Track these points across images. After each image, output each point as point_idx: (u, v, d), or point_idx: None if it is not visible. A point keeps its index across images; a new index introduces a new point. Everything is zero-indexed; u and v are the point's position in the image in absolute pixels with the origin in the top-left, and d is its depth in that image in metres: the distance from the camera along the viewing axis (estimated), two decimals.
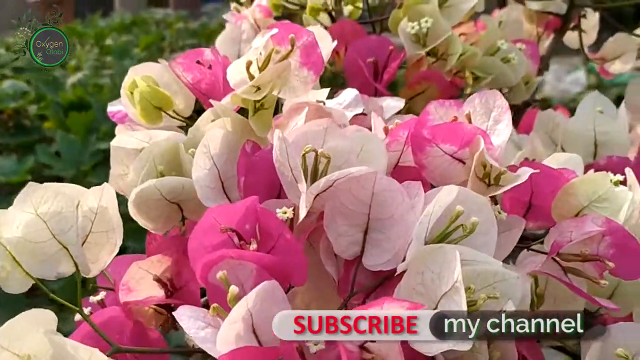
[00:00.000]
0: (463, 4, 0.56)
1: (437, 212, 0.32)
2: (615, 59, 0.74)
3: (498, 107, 0.38)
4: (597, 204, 0.37)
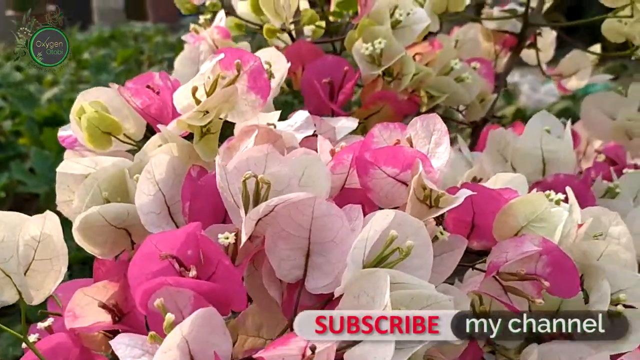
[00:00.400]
0: (416, 25, 0.57)
1: (373, 237, 0.33)
2: (571, 75, 0.76)
3: (438, 130, 0.39)
4: (534, 224, 0.38)
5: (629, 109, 0.65)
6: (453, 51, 0.61)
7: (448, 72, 0.59)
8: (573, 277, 0.37)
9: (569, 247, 0.39)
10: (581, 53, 0.74)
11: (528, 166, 0.52)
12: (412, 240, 0.34)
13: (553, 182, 0.50)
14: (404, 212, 0.35)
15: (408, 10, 0.56)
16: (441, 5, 0.61)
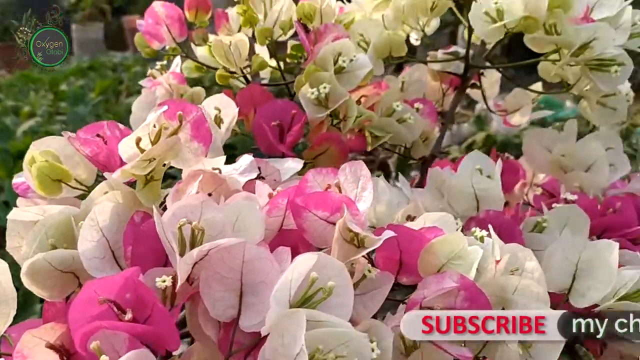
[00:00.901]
0: (359, 71, 0.61)
1: (297, 278, 0.35)
2: (515, 112, 0.81)
3: (364, 176, 0.42)
4: (453, 261, 0.41)
5: (564, 145, 0.69)
6: (396, 94, 0.65)
7: (391, 114, 0.63)
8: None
9: (487, 281, 0.42)
10: (523, 91, 0.79)
11: (463, 203, 0.55)
12: (334, 281, 0.36)
13: (485, 217, 0.54)
14: (327, 254, 0.38)
15: (351, 57, 0.60)
16: (384, 50, 0.65)
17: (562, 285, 0.48)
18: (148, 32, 0.70)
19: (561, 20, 0.59)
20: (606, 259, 0.46)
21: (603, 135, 0.69)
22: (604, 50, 0.59)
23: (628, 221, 0.57)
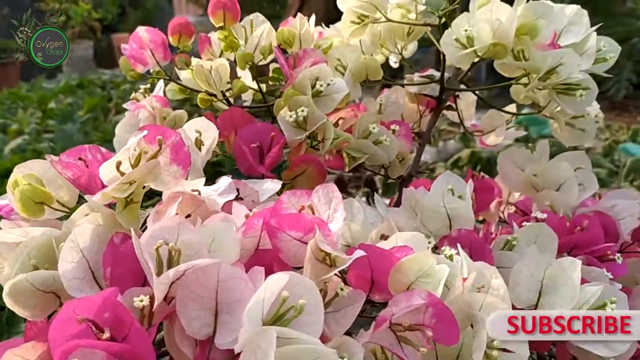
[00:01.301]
0: (336, 94, 0.63)
1: (269, 297, 0.37)
2: (490, 132, 0.83)
3: (335, 198, 0.44)
4: (422, 279, 0.43)
5: (535, 165, 0.71)
6: (373, 116, 0.67)
7: (368, 136, 0.65)
8: (453, 327, 0.41)
9: (455, 298, 0.44)
10: (497, 112, 0.81)
11: (435, 222, 0.57)
12: (305, 299, 0.38)
13: (457, 236, 0.55)
14: (299, 273, 0.39)
15: (328, 81, 0.62)
16: (361, 74, 0.67)
17: (529, 302, 0.50)
18: (132, 56, 0.72)
19: (528, 46, 0.61)
20: (569, 276, 0.48)
21: (573, 155, 0.72)
22: (569, 75, 0.62)
23: (595, 239, 0.60)
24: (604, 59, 0.66)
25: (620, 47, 0.67)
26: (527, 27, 0.62)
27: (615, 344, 0.50)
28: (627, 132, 3.66)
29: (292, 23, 0.70)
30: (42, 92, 3.75)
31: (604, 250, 0.59)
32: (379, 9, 0.69)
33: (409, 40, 0.78)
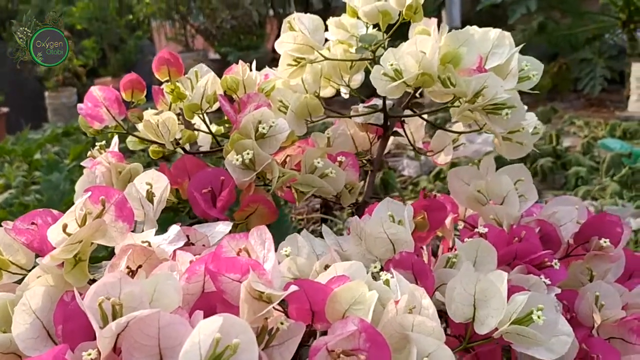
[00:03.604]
0: (279, 135, 0.67)
1: (205, 339, 0.40)
2: (440, 152, 0.87)
3: (268, 239, 0.47)
4: (354, 307, 0.46)
5: (479, 181, 0.75)
6: (317, 151, 0.70)
7: (314, 171, 0.69)
8: (385, 350, 0.44)
9: (389, 320, 0.47)
10: (444, 132, 0.85)
11: (379, 247, 0.60)
12: (240, 338, 0.41)
13: (399, 259, 0.59)
14: (232, 314, 0.42)
15: (270, 124, 0.66)
16: (303, 113, 0.71)
17: (466, 315, 0.53)
18: (88, 115, 0.75)
19: (453, 73, 0.65)
20: (497, 289, 0.51)
21: (512, 169, 0.75)
22: (495, 96, 0.66)
23: (532, 248, 0.63)
24: (527, 77, 0.70)
25: (543, 65, 0.72)
26: (450, 56, 0.66)
27: (555, 345, 0.53)
28: (605, 128, 3.72)
29: (235, 70, 0.74)
30: (27, 145, 3.78)
31: (541, 258, 0.62)
32: (316, 49, 0.73)
33: (352, 72, 0.82)
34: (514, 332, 0.51)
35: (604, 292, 0.64)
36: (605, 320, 0.63)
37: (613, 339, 0.64)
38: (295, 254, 0.57)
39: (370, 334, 0.44)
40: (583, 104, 4.66)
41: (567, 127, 4.00)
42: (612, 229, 0.69)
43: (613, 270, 0.71)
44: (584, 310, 0.65)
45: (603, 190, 2.68)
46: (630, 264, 0.74)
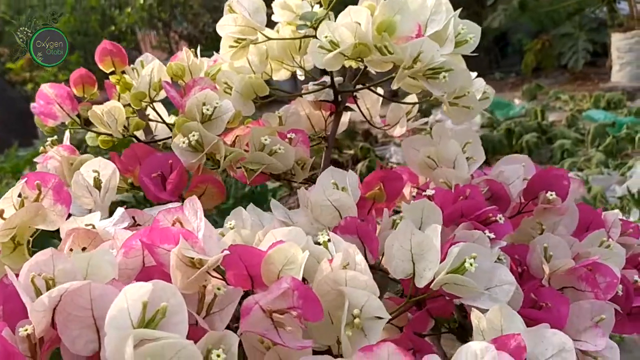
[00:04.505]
0: (224, 115, 0.68)
1: (133, 304, 0.41)
2: (395, 125, 0.88)
3: (199, 208, 0.49)
4: (287, 267, 0.48)
5: (429, 148, 0.76)
6: (264, 130, 0.71)
7: (262, 148, 0.70)
8: (316, 305, 0.45)
9: (324, 278, 0.48)
10: (398, 105, 0.86)
11: (326, 215, 0.62)
12: (170, 302, 0.42)
13: (344, 225, 0.60)
14: (162, 280, 0.44)
15: (214, 105, 0.67)
16: (248, 93, 0.72)
17: (406, 271, 0.54)
18: (42, 113, 0.77)
19: (389, 41, 0.67)
20: (432, 241, 0.52)
21: (460, 132, 0.76)
22: (432, 61, 0.67)
23: (477, 205, 0.64)
24: (465, 41, 0.71)
25: (480, 28, 0.73)
26: (385, 25, 0.67)
27: (499, 294, 0.54)
28: (590, 100, 3.74)
29: (180, 57, 0.75)
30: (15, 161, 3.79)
31: (486, 214, 0.64)
32: (258, 30, 0.74)
33: (302, 53, 0.83)
34: (452, 282, 0.52)
35: (553, 243, 0.65)
36: (555, 270, 0.64)
37: (565, 289, 0.65)
38: (241, 226, 0.59)
39: (302, 291, 0.46)
40: (568, 79, 4.67)
41: (553, 103, 4.02)
42: (559, 182, 0.70)
43: (565, 223, 0.73)
44: (535, 263, 0.66)
45: (588, 161, 2.70)
46: (586, 218, 0.75)
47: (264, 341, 0.48)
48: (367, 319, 0.46)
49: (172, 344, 0.40)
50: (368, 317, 0.46)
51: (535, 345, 0.47)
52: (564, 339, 0.46)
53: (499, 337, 0.45)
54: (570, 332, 0.60)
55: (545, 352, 0.46)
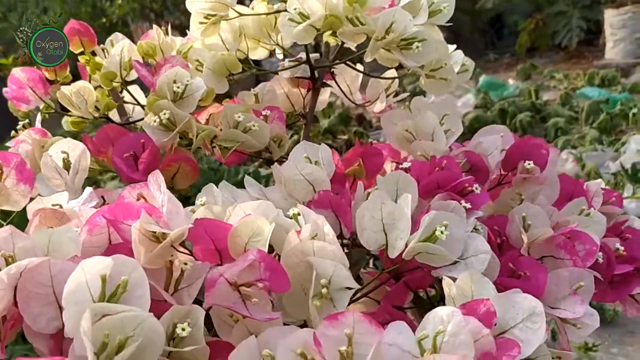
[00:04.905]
0: (195, 93, 0.67)
1: (92, 279, 0.40)
2: (375, 100, 0.87)
3: (161, 182, 0.48)
4: (253, 239, 0.47)
5: (407, 121, 0.75)
6: (238, 107, 0.70)
7: (236, 125, 0.69)
8: (283, 276, 0.45)
9: (292, 249, 0.48)
10: (377, 81, 0.85)
11: (299, 189, 0.61)
12: (131, 276, 0.41)
13: (317, 199, 0.59)
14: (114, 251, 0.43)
15: (185, 82, 0.66)
16: (220, 70, 0.71)
17: (378, 242, 0.53)
18: (14, 97, 0.75)
19: (360, 12, 0.65)
20: (403, 210, 0.51)
21: (438, 104, 0.75)
22: (404, 30, 0.66)
23: (453, 176, 0.63)
24: (439, 10, 0.70)
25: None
26: None
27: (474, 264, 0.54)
28: (584, 78, 3.72)
29: (150, 35, 0.74)
30: None
31: (462, 185, 0.63)
32: (229, 6, 0.73)
33: (277, 30, 0.82)
34: (424, 252, 0.51)
35: (531, 213, 0.65)
36: (534, 239, 0.63)
37: (545, 258, 0.65)
38: (212, 203, 0.58)
39: (268, 263, 0.45)
40: (562, 58, 4.65)
41: (547, 82, 4.00)
42: (537, 151, 0.69)
43: (546, 194, 0.72)
44: (514, 233, 0.65)
45: (582, 138, 2.68)
46: (567, 189, 0.75)
47: (233, 315, 0.47)
48: (336, 289, 0.46)
49: (132, 317, 0.39)
50: (337, 288, 0.46)
51: (507, 310, 0.46)
52: (534, 302, 0.45)
53: (468, 303, 0.45)
54: (549, 300, 0.60)
55: (516, 316, 0.46)
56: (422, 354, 0.40)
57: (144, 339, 0.39)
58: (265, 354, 0.41)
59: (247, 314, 0.44)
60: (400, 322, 0.41)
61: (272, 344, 0.42)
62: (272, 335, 0.42)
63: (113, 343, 0.38)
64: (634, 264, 0.69)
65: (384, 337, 0.39)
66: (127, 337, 0.38)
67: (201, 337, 0.43)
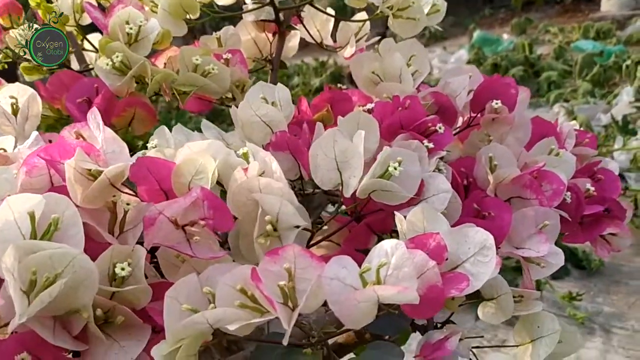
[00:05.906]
0: (150, 35, 0.64)
1: (20, 217, 0.39)
2: (346, 45, 0.84)
3: (100, 121, 0.46)
4: (197, 177, 0.45)
5: (374, 63, 0.72)
6: (195, 50, 0.67)
7: (195, 69, 0.66)
8: (226, 214, 0.43)
9: (238, 187, 0.46)
10: (346, 24, 0.82)
11: (257, 132, 0.59)
12: (65, 214, 0.40)
13: (275, 141, 0.57)
14: (56, 192, 0.41)
15: (138, 24, 0.63)
16: (177, 12, 0.68)
17: (333, 181, 0.52)
18: None
19: None
20: (355, 147, 0.50)
21: (405, 44, 0.72)
22: None
23: (416, 115, 0.61)
24: None
25: None
26: None
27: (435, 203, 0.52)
28: (579, 31, 3.64)
29: None
30: None
31: (425, 124, 0.61)
32: None
33: None
34: (379, 189, 0.50)
35: (498, 153, 0.63)
36: (501, 180, 0.62)
37: (513, 199, 0.63)
38: (165, 145, 0.56)
39: (211, 201, 0.43)
40: (558, 12, 4.54)
41: (542, 36, 3.92)
42: (506, 91, 0.67)
43: (517, 136, 0.70)
44: (481, 175, 0.64)
45: (575, 92, 2.65)
46: (540, 130, 0.73)
47: (179, 256, 0.46)
48: (284, 228, 0.44)
49: (61, 254, 0.38)
50: (285, 227, 0.44)
51: (459, 245, 0.45)
52: (484, 235, 0.44)
53: (417, 236, 0.43)
54: (515, 240, 0.59)
55: (468, 251, 0.44)
56: (365, 287, 0.38)
57: (75, 277, 0.38)
58: (206, 291, 0.40)
59: (190, 253, 0.43)
60: (344, 256, 0.40)
61: (213, 281, 0.40)
62: (213, 272, 0.41)
63: (41, 281, 0.37)
64: (604, 205, 0.68)
65: (325, 271, 0.38)
66: (56, 275, 0.37)
67: (142, 277, 0.42)
